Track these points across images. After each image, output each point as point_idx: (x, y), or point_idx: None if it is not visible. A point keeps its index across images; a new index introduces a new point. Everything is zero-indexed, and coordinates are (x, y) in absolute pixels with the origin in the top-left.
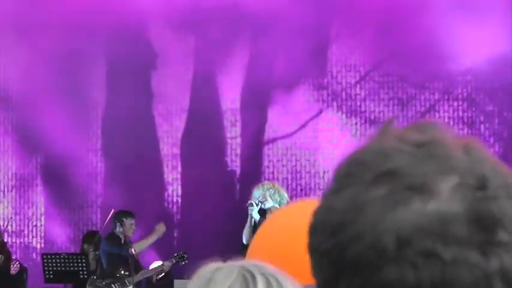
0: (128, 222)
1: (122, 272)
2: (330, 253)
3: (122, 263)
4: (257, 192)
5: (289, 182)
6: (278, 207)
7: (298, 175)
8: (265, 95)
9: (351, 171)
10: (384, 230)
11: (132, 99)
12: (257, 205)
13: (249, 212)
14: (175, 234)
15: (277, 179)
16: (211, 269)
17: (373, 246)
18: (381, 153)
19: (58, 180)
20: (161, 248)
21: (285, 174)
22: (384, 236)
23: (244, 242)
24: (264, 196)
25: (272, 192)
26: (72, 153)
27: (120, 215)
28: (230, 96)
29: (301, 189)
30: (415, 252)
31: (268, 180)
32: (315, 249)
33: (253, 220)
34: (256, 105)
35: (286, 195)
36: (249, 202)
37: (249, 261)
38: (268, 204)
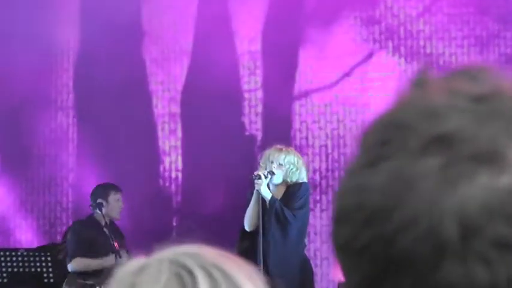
0: (113, 198)
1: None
2: (368, 248)
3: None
4: (274, 158)
5: (329, 151)
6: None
7: (341, 141)
8: (296, 32)
9: (389, 138)
10: (442, 214)
11: (113, 39)
12: (267, 177)
13: (256, 187)
14: (173, 223)
15: (313, 147)
16: (132, 269)
17: (428, 236)
18: (429, 112)
19: (13, 149)
20: (158, 241)
21: (322, 139)
22: (443, 222)
23: (247, 228)
24: (280, 166)
25: (292, 167)
26: (32, 112)
27: (100, 190)
28: (248, 34)
29: (344, 161)
30: (485, 242)
31: (300, 148)
32: (345, 245)
33: (260, 198)
34: (283, 47)
35: (305, 166)
36: (255, 173)
37: (182, 250)
38: (277, 179)
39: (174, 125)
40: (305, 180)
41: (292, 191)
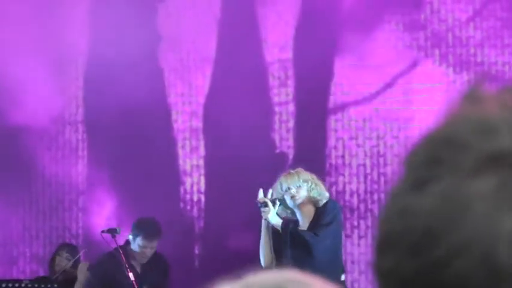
0: (139, 242)
1: None
2: (416, 277)
3: None
4: (288, 184)
5: (368, 171)
6: (299, 220)
7: (382, 160)
8: (330, 38)
9: (439, 157)
10: (498, 238)
11: (126, 45)
12: (275, 204)
13: (263, 216)
14: (195, 251)
15: (350, 166)
16: None
17: (483, 261)
18: (484, 129)
19: (14, 168)
20: (178, 272)
21: (361, 158)
22: (499, 247)
23: (263, 264)
24: (292, 190)
25: (311, 184)
26: (37, 127)
27: (134, 226)
28: (278, 41)
29: (385, 181)
30: None
31: (336, 168)
32: (389, 274)
33: (270, 227)
34: (316, 55)
35: (322, 184)
36: (260, 199)
37: (282, 277)
38: (301, 197)
39: (195, 142)
40: (327, 195)
41: (320, 211)
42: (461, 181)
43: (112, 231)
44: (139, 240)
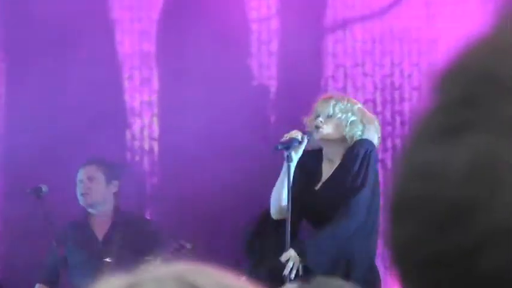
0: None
1: None
2: (440, 261)
3: None
4: (320, 109)
5: (379, 109)
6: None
7: (397, 94)
8: None
9: (476, 95)
10: None
11: None
12: (302, 142)
13: (287, 162)
14: (147, 216)
15: None
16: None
17: None
18: None
19: None
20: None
21: (369, 92)
22: None
23: (274, 215)
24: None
25: (350, 116)
26: None
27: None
28: None
29: (401, 123)
30: None
31: None
32: (406, 252)
33: (291, 172)
34: None
35: (377, 126)
36: (284, 137)
37: (185, 267)
38: (324, 132)
39: (147, 72)
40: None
41: (349, 155)
42: (504, 135)
43: (36, 191)
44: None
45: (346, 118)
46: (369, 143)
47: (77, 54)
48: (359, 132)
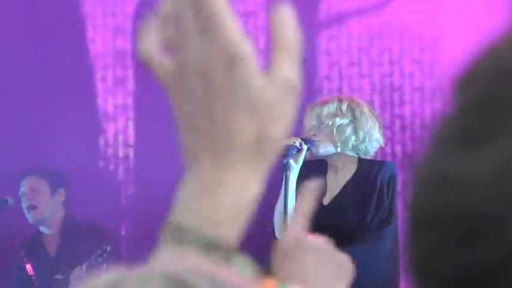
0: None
1: None
2: (469, 275)
3: None
4: (309, 117)
5: (377, 111)
6: (353, 154)
7: (396, 96)
8: None
9: (500, 97)
10: None
11: None
12: (301, 149)
13: (286, 173)
14: (122, 231)
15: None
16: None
17: None
18: None
19: None
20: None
21: (366, 93)
22: None
23: (277, 233)
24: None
25: (344, 121)
26: None
27: None
28: None
29: (401, 127)
30: None
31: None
32: (427, 268)
33: (289, 183)
34: None
35: (378, 130)
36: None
37: (176, 264)
38: (325, 147)
39: (121, 71)
40: (380, 143)
41: (368, 179)
42: None
43: (2, 204)
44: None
45: (334, 123)
46: (391, 165)
47: (44, 53)
48: (352, 138)
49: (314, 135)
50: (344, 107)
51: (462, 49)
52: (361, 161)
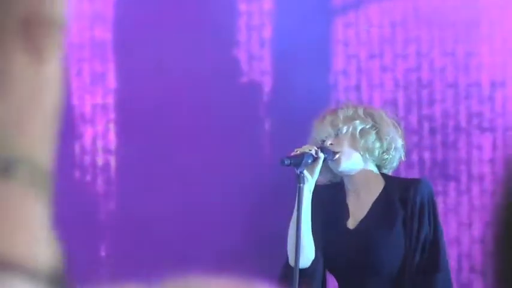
0: None
1: None
2: None
3: None
4: (322, 128)
5: (401, 112)
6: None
7: (425, 94)
8: None
9: None
10: None
11: None
12: (316, 158)
13: (299, 182)
14: (101, 252)
15: (371, 103)
16: None
17: None
18: None
19: None
20: (79, 281)
21: (389, 90)
22: None
23: (292, 262)
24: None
25: (365, 125)
26: None
27: None
28: None
29: (431, 130)
30: None
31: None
32: None
33: (303, 197)
34: None
35: (400, 131)
36: (295, 151)
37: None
38: (348, 158)
39: (101, 66)
40: (401, 155)
41: (403, 202)
42: None
43: None
44: None
45: (355, 127)
46: (427, 184)
47: None
48: (377, 145)
49: (331, 144)
50: (361, 111)
51: (503, 38)
52: (387, 178)
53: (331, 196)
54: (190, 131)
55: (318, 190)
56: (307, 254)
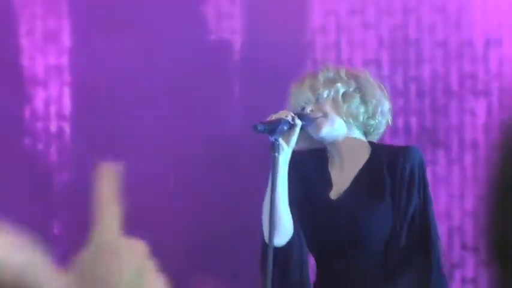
0: None
1: None
2: None
3: None
4: (296, 96)
5: (385, 73)
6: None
7: (412, 52)
8: None
9: None
10: None
11: None
12: (293, 125)
13: (274, 150)
14: (54, 229)
15: (351, 63)
16: None
17: None
18: None
19: None
20: None
21: (371, 49)
22: None
23: (267, 240)
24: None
25: (348, 88)
26: None
27: None
28: None
29: (418, 93)
30: None
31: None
32: None
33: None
34: None
35: (386, 93)
36: (268, 119)
37: None
38: (331, 124)
39: (54, 23)
40: (388, 119)
41: (390, 171)
42: None
43: None
44: None
45: (337, 90)
46: (416, 151)
47: None
48: (361, 110)
49: (312, 110)
50: (343, 73)
51: None
52: (374, 146)
53: (312, 164)
54: (155, 93)
55: (296, 158)
56: (285, 230)
